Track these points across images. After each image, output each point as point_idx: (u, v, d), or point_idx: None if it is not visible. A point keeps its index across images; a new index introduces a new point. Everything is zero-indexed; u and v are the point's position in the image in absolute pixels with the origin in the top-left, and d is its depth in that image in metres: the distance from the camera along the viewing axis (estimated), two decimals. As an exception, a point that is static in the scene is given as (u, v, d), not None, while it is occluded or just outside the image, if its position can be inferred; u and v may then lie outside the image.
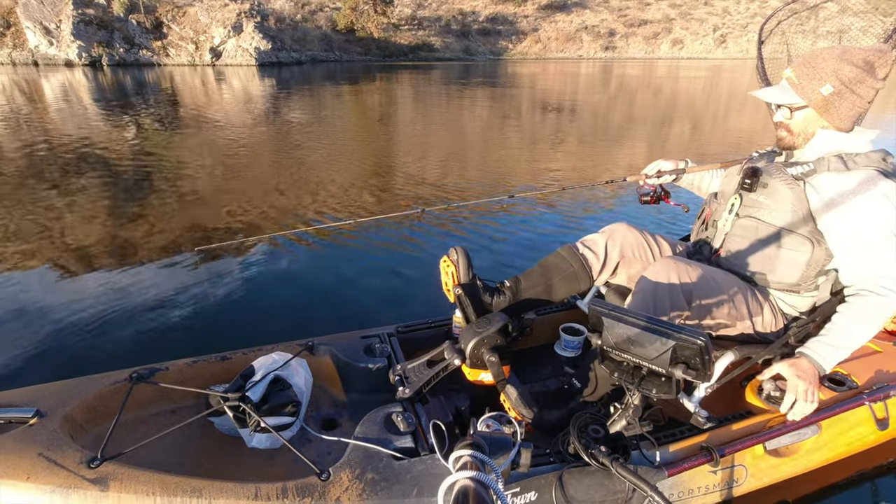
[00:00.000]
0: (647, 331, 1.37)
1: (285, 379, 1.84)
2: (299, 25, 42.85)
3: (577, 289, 2.07)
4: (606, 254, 2.05)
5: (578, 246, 2.08)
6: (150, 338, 3.07)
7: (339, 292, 3.70)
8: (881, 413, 1.95)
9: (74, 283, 3.73)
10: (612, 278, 2.12)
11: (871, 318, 1.63)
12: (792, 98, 1.71)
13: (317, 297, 3.64)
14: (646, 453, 1.66)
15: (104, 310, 3.35)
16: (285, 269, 4.03)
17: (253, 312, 3.40)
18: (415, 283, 3.83)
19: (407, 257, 4.28)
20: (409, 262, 4.18)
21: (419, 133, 11.14)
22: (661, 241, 2.12)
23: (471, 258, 1.99)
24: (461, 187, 6.46)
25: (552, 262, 2.07)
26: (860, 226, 1.63)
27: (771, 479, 1.85)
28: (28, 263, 4.04)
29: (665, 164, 2.25)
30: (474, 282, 2.00)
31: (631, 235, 2.08)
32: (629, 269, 2.08)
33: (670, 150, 9.29)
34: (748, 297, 1.81)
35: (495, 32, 55.96)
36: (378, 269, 4.07)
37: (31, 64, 30.22)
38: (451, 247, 2.02)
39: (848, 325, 1.65)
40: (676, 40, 57.98)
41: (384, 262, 4.19)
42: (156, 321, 3.23)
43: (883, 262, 1.62)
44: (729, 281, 1.81)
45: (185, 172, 6.97)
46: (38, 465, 1.42)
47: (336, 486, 1.47)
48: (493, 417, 1.43)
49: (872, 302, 1.62)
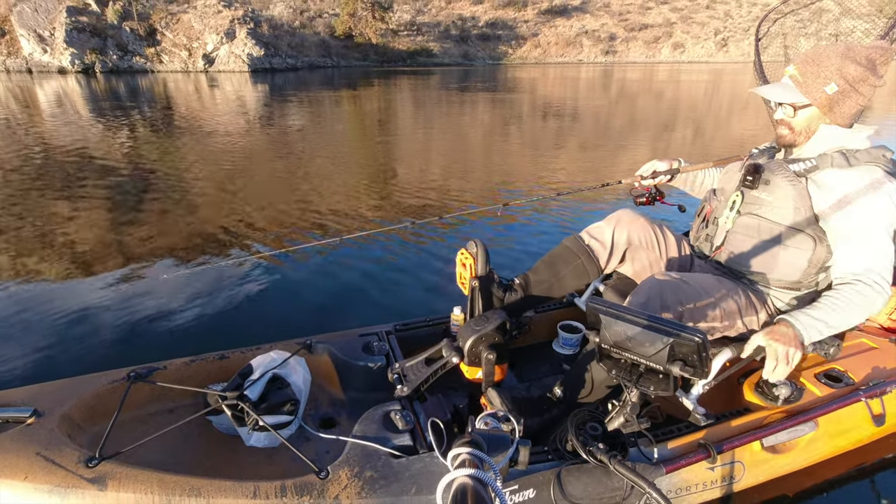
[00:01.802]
0: (645, 328, 1.38)
1: (283, 377, 1.86)
2: (297, 32, 43.03)
3: (587, 279, 2.08)
4: (613, 241, 2.05)
5: (584, 236, 2.08)
6: (147, 337, 3.10)
7: (337, 291, 3.73)
8: (877, 409, 1.97)
9: (72, 285, 3.76)
10: (620, 266, 2.12)
11: (858, 307, 1.64)
12: (796, 97, 1.71)
13: (315, 295, 3.67)
14: (644, 450, 1.67)
15: (102, 310, 3.37)
16: (283, 269, 4.05)
17: (251, 311, 3.43)
18: (413, 281, 3.87)
19: (407, 257, 4.31)
20: (409, 262, 4.21)
21: (416, 137, 11.16)
22: (667, 231, 2.12)
23: (489, 252, 2.01)
24: (459, 194, 6.49)
25: (558, 255, 2.08)
26: (860, 221, 1.65)
27: (768, 476, 1.87)
28: (26, 266, 4.07)
29: (660, 165, 2.25)
30: (491, 276, 2.02)
31: (637, 222, 2.07)
32: (635, 256, 2.08)
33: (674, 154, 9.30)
34: (742, 299, 1.82)
35: (495, 37, 56.18)
36: (376, 268, 4.10)
37: (24, 71, 30.39)
38: (470, 239, 2.03)
39: (834, 306, 1.66)
40: (677, 44, 58.19)
41: (382, 261, 4.22)
42: (154, 320, 3.25)
43: (878, 257, 1.64)
44: (720, 287, 1.81)
45: (182, 177, 6.99)
46: (35, 465, 1.43)
47: (335, 485, 1.48)
48: (492, 415, 1.45)
49: (861, 292, 1.64)
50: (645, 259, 2.08)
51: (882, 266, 1.64)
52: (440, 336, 2.09)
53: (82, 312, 3.34)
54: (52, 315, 3.31)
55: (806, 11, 2.17)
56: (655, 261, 2.08)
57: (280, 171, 7.57)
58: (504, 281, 2.08)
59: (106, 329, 3.17)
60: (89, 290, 3.65)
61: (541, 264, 2.11)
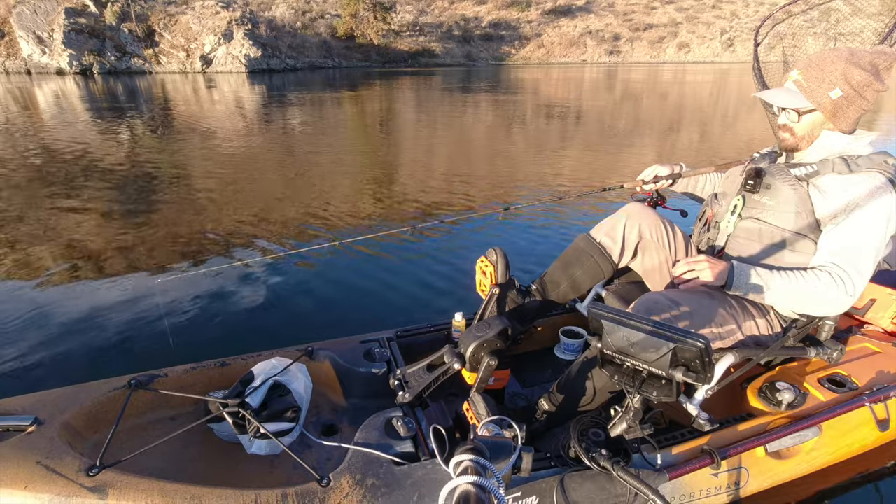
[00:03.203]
0: (648, 334, 1.38)
1: (285, 384, 1.87)
2: (298, 33, 43.19)
3: (601, 277, 2.10)
4: (625, 236, 2.06)
5: (595, 234, 2.10)
6: (148, 344, 3.11)
7: (338, 297, 3.74)
8: (882, 414, 1.97)
9: (72, 291, 3.78)
10: (633, 262, 2.14)
11: (810, 293, 1.65)
12: (800, 101, 1.71)
13: (316, 302, 3.68)
14: (647, 456, 1.68)
15: (102, 317, 3.39)
16: (284, 275, 4.07)
17: (252, 318, 3.44)
18: (414, 286, 3.88)
19: (408, 262, 4.32)
20: (411, 266, 4.23)
21: (417, 138, 11.18)
22: (676, 228, 2.14)
23: (509, 260, 2.03)
24: (461, 197, 6.51)
25: (571, 256, 2.10)
26: (852, 223, 1.66)
27: (772, 482, 1.87)
28: (24, 272, 4.09)
29: (661, 170, 2.27)
30: (511, 283, 2.03)
31: (648, 216, 2.09)
32: (646, 251, 2.10)
33: (680, 156, 9.33)
34: (738, 310, 1.83)
35: (498, 38, 56.31)
36: (377, 273, 4.11)
37: (24, 73, 30.59)
38: (490, 247, 2.06)
39: (787, 277, 1.67)
40: (683, 44, 58.21)
41: (383, 266, 4.23)
42: (155, 327, 3.27)
43: (858, 256, 1.64)
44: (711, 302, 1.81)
45: (181, 180, 7.02)
46: (36, 474, 1.44)
47: (336, 493, 1.49)
48: (494, 422, 1.46)
49: (819, 278, 1.64)
50: (655, 256, 2.10)
51: (858, 265, 1.64)
52: (442, 342, 2.11)
53: (80, 320, 3.36)
54: (51, 323, 3.33)
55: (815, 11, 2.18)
56: (665, 258, 2.10)
57: (278, 173, 7.59)
58: (523, 287, 2.10)
59: (105, 335, 3.18)
60: (87, 298, 3.67)
61: (555, 266, 2.14)
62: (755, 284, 1.69)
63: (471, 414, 1.75)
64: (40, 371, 2.86)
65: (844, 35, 2.07)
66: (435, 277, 4.02)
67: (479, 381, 1.86)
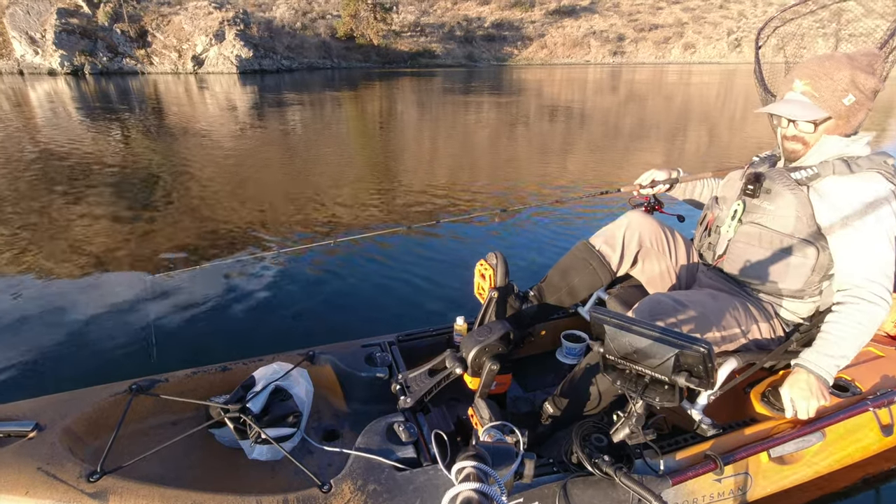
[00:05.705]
0: (650, 339, 1.39)
1: (286, 389, 1.89)
2: (297, 33, 43.31)
3: (599, 285, 2.13)
4: (624, 245, 2.08)
5: (594, 242, 2.12)
6: (146, 349, 3.13)
7: (339, 301, 3.77)
8: (886, 419, 1.99)
9: (72, 295, 3.80)
10: (633, 269, 2.16)
11: (864, 328, 1.67)
12: (817, 113, 1.73)
13: (317, 306, 3.71)
14: (650, 462, 1.69)
15: (103, 321, 3.42)
16: (284, 279, 4.10)
17: (253, 323, 3.47)
18: (416, 291, 3.91)
19: (408, 265, 4.35)
20: (411, 269, 4.25)
21: (418, 139, 11.20)
22: (677, 235, 2.17)
23: (508, 264, 2.05)
24: (460, 198, 6.54)
25: (569, 264, 2.13)
26: (860, 229, 1.68)
27: (776, 487, 1.89)
28: (23, 274, 4.12)
29: (658, 174, 2.30)
30: (510, 287, 2.06)
31: (648, 224, 2.11)
32: (647, 259, 2.12)
33: (688, 160, 9.35)
34: (741, 313, 1.86)
35: (500, 38, 56.39)
36: (378, 276, 4.15)
37: (16, 73, 30.72)
38: (490, 251, 2.08)
39: (840, 335, 1.69)
40: (688, 45, 58.27)
41: (384, 270, 4.26)
42: (154, 332, 3.29)
43: (878, 266, 1.67)
44: (715, 304, 1.84)
45: (178, 181, 7.04)
46: (37, 480, 1.46)
47: (338, 498, 1.50)
48: (496, 427, 1.48)
49: (862, 311, 1.67)
50: (656, 263, 2.12)
51: (882, 276, 1.67)
52: (443, 346, 2.12)
53: (81, 324, 3.39)
54: (51, 327, 3.35)
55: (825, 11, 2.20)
56: (667, 266, 2.13)
57: (275, 174, 7.62)
58: (521, 292, 2.12)
59: (107, 341, 3.21)
60: (87, 302, 3.70)
61: (553, 273, 2.16)
62: (837, 365, 1.71)
63: (475, 419, 1.77)
64: (40, 376, 2.88)
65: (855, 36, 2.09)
66: (435, 278, 4.06)
67: (482, 385, 1.88)
